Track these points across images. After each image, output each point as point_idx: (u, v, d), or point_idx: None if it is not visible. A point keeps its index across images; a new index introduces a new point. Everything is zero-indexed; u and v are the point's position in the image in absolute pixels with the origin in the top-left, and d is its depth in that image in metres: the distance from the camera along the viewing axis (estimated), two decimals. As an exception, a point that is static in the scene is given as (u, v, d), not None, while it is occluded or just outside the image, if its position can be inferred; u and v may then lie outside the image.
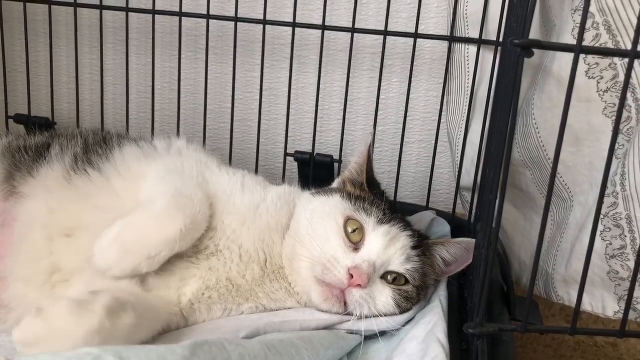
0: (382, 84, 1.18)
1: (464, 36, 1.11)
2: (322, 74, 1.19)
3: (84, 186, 0.88)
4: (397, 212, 0.92)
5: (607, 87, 0.88)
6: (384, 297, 0.84)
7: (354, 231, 0.85)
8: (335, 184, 1.00)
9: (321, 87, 1.20)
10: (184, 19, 1.19)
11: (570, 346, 1.38)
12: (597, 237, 0.88)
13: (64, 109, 1.40)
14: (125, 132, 1.03)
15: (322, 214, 0.87)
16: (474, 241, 0.88)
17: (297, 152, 1.22)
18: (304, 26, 1.17)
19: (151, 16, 1.19)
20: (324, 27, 1.14)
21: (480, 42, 1.09)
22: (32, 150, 0.94)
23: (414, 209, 1.19)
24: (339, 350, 0.79)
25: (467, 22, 1.10)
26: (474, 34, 1.09)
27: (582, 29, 0.57)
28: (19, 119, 1.30)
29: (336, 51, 1.27)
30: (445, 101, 1.18)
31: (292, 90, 1.20)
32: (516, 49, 0.59)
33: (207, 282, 0.84)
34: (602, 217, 0.89)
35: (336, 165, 1.21)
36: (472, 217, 1.13)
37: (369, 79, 1.27)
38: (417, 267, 0.86)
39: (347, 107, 1.20)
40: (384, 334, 0.83)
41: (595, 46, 0.86)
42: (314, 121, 1.21)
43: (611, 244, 0.89)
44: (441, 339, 0.75)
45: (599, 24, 0.86)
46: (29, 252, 0.85)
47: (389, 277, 0.85)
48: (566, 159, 0.95)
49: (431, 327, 0.79)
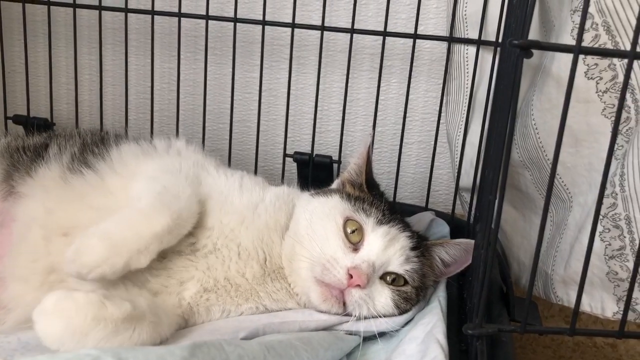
0: (381, 85, 1.18)
1: (463, 37, 1.11)
2: (321, 75, 1.19)
3: (79, 186, 0.88)
4: (396, 212, 0.92)
5: (606, 88, 0.88)
6: (383, 297, 0.84)
7: (353, 232, 0.85)
8: (334, 185, 1.00)
9: (320, 87, 1.20)
10: (183, 20, 1.19)
11: (569, 347, 1.38)
12: (596, 238, 0.88)
13: (63, 110, 1.40)
14: (123, 132, 1.02)
15: (322, 214, 0.87)
16: (473, 242, 0.88)
17: (296, 153, 1.22)
18: (303, 27, 1.17)
19: (150, 17, 1.19)
20: (323, 28, 1.14)
21: (479, 43, 1.09)
22: (31, 150, 0.94)
23: (413, 209, 1.19)
24: (338, 351, 0.79)
25: (466, 22, 1.10)
26: (473, 35, 1.09)
27: (581, 30, 0.57)
28: (17, 119, 1.30)
29: (335, 52, 1.27)
30: (444, 102, 1.18)
31: (291, 90, 1.20)
32: (515, 49, 0.59)
33: (205, 285, 0.84)
34: (601, 217, 0.89)
35: (335, 165, 1.21)
36: (471, 218, 1.13)
37: (368, 80, 1.27)
38: (416, 268, 0.86)
39: (346, 108, 1.20)
40: (383, 334, 0.83)
41: (594, 47, 0.86)
42: (313, 122, 1.21)
43: (610, 244, 0.89)
44: (440, 340, 0.75)
45: (598, 25, 0.86)
46: (27, 252, 0.84)
47: (388, 277, 0.85)
48: (565, 160, 0.95)
49: (430, 327, 0.79)
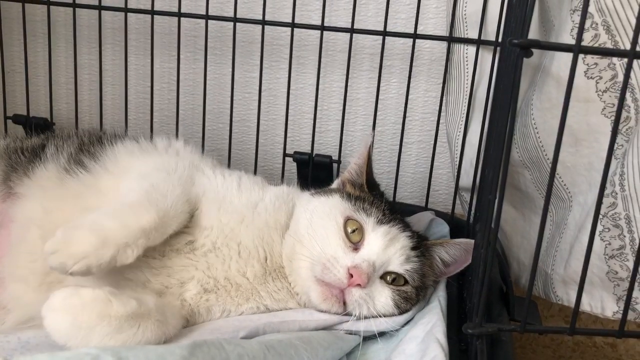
0: (381, 85, 1.18)
1: (462, 36, 1.11)
2: (321, 75, 1.19)
3: (75, 186, 0.88)
4: (396, 212, 0.92)
5: (606, 87, 0.88)
6: (383, 297, 0.84)
7: (354, 231, 0.85)
8: (334, 185, 1.00)
9: (320, 87, 1.20)
10: (183, 20, 1.19)
11: (569, 346, 1.38)
12: (596, 237, 0.88)
13: (63, 110, 1.40)
14: (122, 132, 1.02)
15: (322, 213, 0.87)
16: (472, 242, 0.88)
17: (296, 153, 1.22)
18: (302, 26, 1.17)
19: (150, 16, 1.19)
20: (322, 28, 1.14)
21: (479, 43, 1.09)
22: (28, 151, 0.94)
23: (413, 209, 1.19)
24: (338, 350, 0.79)
25: (466, 22, 1.10)
26: (473, 35, 1.09)
27: (581, 29, 0.57)
28: (17, 119, 1.30)
29: (335, 51, 1.27)
30: (444, 101, 1.18)
31: (291, 90, 1.20)
32: (515, 48, 0.59)
33: (205, 285, 0.84)
34: (601, 217, 0.89)
35: (335, 165, 1.21)
36: (471, 218, 1.13)
37: (367, 80, 1.27)
38: (416, 268, 0.86)
39: (346, 108, 1.20)
40: (382, 334, 0.83)
41: (594, 46, 0.86)
42: (312, 121, 1.21)
43: (610, 244, 0.89)
44: (440, 339, 0.75)
45: (597, 24, 0.86)
46: (26, 253, 0.85)
47: (388, 277, 0.85)
48: (565, 159, 0.95)
49: (430, 327, 0.79)
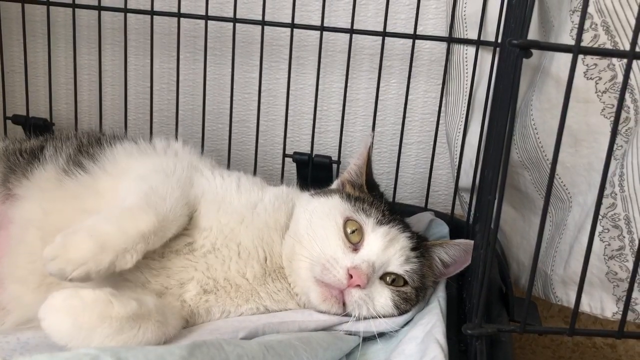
0: (381, 85, 1.18)
1: (462, 37, 1.11)
2: (320, 75, 1.19)
3: (73, 187, 0.88)
4: (396, 213, 0.92)
5: (606, 88, 0.88)
6: (383, 298, 0.83)
7: (353, 232, 0.85)
8: (334, 185, 1.00)
9: (320, 88, 1.20)
10: (183, 20, 1.19)
11: (568, 347, 1.38)
12: (596, 238, 0.88)
13: (62, 110, 1.39)
14: (122, 133, 1.02)
15: (322, 214, 0.87)
16: (472, 242, 0.88)
17: (295, 153, 1.22)
18: (302, 27, 1.17)
19: (149, 17, 1.19)
20: (322, 28, 1.14)
21: (478, 43, 1.09)
22: (27, 152, 0.94)
23: (413, 210, 1.19)
24: (337, 351, 0.79)
25: (465, 23, 1.10)
26: (473, 35, 1.09)
27: (581, 30, 0.57)
28: (17, 119, 1.29)
29: (335, 52, 1.27)
30: (443, 102, 1.18)
31: (290, 91, 1.20)
32: (515, 49, 0.59)
33: (205, 286, 0.83)
34: (600, 217, 0.89)
35: (335, 166, 1.21)
36: (471, 218, 1.13)
37: (367, 80, 1.27)
38: (416, 269, 0.86)
39: (346, 108, 1.20)
40: (382, 335, 0.83)
41: (593, 47, 0.86)
42: (312, 122, 1.21)
43: (609, 244, 0.89)
44: (440, 340, 0.75)
45: (597, 25, 0.86)
46: (25, 254, 0.85)
47: (388, 278, 0.85)
48: (565, 160, 0.95)
49: (430, 327, 0.79)
